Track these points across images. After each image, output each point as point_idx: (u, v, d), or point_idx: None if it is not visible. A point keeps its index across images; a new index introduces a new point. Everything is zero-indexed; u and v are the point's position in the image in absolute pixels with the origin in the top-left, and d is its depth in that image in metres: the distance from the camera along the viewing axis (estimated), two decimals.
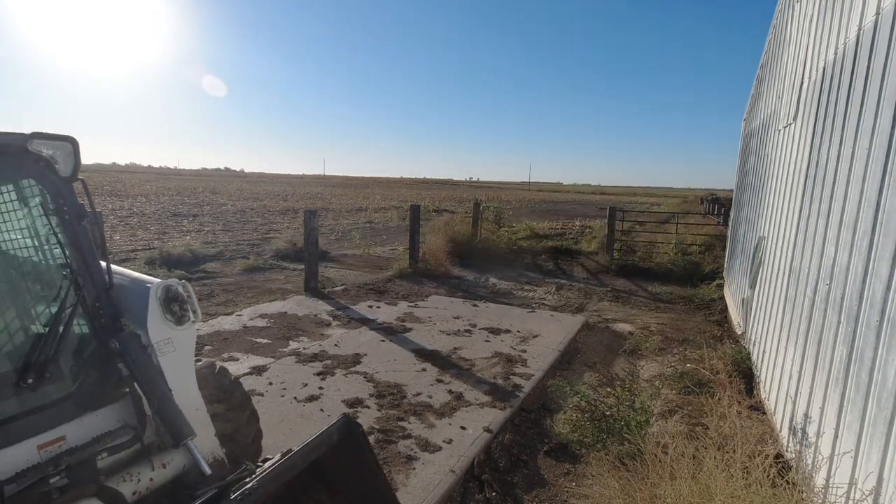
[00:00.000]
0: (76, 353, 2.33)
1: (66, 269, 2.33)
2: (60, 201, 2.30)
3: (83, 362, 2.34)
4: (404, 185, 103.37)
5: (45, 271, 2.41)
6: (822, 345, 3.46)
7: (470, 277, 12.49)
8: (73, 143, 2.29)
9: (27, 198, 2.31)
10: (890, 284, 2.51)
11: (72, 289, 2.27)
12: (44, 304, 2.33)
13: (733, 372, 5.45)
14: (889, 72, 2.78)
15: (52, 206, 2.29)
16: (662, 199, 66.70)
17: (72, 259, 2.32)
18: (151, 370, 2.37)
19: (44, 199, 2.29)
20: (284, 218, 25.27)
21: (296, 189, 62.31)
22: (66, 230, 2.32)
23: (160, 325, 2.46)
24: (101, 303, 2.39)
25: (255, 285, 10.71)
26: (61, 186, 2.29)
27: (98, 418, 2.30)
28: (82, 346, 2.35)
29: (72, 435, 2.19)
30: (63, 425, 2.17)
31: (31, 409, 2.10)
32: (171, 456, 2.35)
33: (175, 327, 2.50)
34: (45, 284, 2.39)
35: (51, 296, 2.32)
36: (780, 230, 5.33)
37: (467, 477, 4.11)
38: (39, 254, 2.39)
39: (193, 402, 2.57)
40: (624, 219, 16.46)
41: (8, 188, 2.30)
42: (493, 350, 6.95)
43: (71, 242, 2.33)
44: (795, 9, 5.94)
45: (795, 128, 5.21)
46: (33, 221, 2.35)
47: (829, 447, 3.01)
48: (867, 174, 2.95)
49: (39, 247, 2.38)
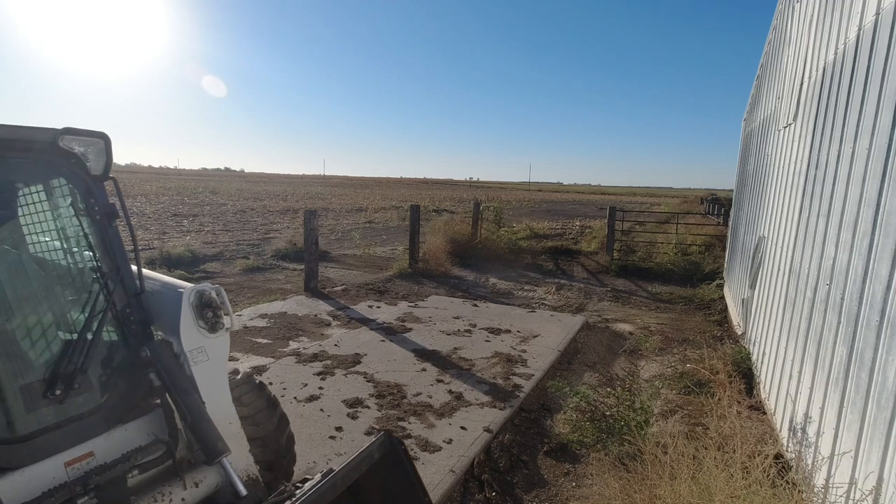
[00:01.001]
0: (105, 361, 2.20)
1: (97, 273, 2.22)
2: (91, 201, 2.20)
3: (112, 372, 2.20)
4: (404, 185, 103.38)
5: (73, 275, 2.28)
6: (822, 345, 3.46)
7: (470, 277, 12.49)
8: (105, 139, 2.18)
9: (56, 197, 2.20)
10: (890, 285, 2.51)
11: (102, 293, 2.17)
12: (72, 309, 2.21)
13: (733, 372, 5.45)
14: (889, 72, 2.78)
15: (83, 206, 2.19)
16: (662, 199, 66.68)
17: (102, 262, 2.22)
18: (184, 381, 2.24)
19: (74, 198, 2.18)
20: (284, 218, 25.26)
21: (296, 189, 62.30)
22: (96, 231, 2.22)
23: (193, 332, 2.33)
24: (131, 308, 2.27)
25: (255, 285, 10.71)
26: (92, 185, 2.19)
27: (128, 432, 2.17)
28: (111, 355, 2.23)
29: (101, 450, 2.05)
30: (91, 440, 2.04)
31: (58, 423, 1.96)
32: (204, 474, 2.21)
33: (208, 335, 2.37)
34: (74, 289, 2.26)
35: (80, 301, 2.20)
36: (780, 230, 5.33)
37: (467, 477, 4.11)
38: (68, 256, 2.28)
39: (227, 416, 2.43)
40: (624, 219, 16.46)
41: (37, 188, 2.18)
42: (493, 350, 6.95)
43: (101, 244, 2.22)
44: (795, 9, 5.93)
45: (795, 128, 5.21)
46: (62, 222, 2.24)
47: (829, 447, 3.01)
48: (867, 174, 2.95)
49: (68, 249, 2.27)
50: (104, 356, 2.19)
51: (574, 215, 34.07)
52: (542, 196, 76.41)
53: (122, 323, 2.24)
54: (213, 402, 2.32)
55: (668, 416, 4.89)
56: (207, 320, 2.37)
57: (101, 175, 2.21)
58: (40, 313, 2.10)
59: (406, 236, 13.94)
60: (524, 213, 34.00)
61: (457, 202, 44.25)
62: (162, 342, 2.29)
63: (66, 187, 2.18)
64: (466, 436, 4.62)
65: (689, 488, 2.81)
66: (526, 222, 22.73)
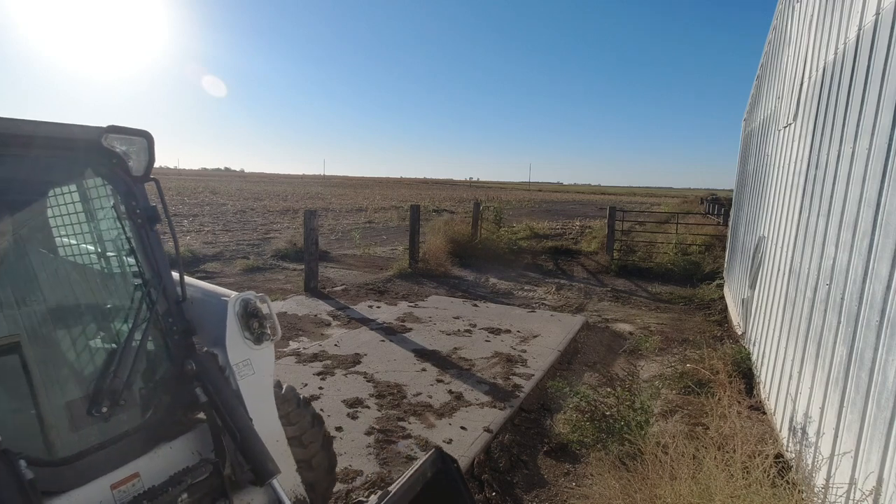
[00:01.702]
0: (148, 375, 2.07)
1: (138, 280, 2.09)
2: (133, 203, 2.07)
3: (155, 386, 2.07)
4: (404, 185, 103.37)
5: (114, 282, 2.16)
6: (822, 345, 3.46)
7: (470, 277, 12.49)
8: (147, 138, 2.05)
9: (94, 199, 2.08)
10: (890, 285, 2.51)
11: (144, 302, 2.04)
12: (114, 319, 2.09)
13: (733, 372, 5.45)
14: (889, 72, 2.78)
15: (123, 209, 2.05)
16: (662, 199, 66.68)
17: (144, 268, 2.08)
18: (231, 396, 2.10)
19: (115, 200, 2.06)
20: (284, 218, 25.26)
21: (296, 189, 62.30)
22: (137, 236, 2.08)
23: (239, 344, 2.21)
24: (172, 318, 2.14)
25: (255, 285, 10.70)
26: (133, 186, 2.06)
27: (172, 451, 2.05)
28: (154, 368, 2.10)
29: (146, 471, 1.92)
30: (136, 460, 1.91)
31: (102, 442, 1.84)
32: (252, 495, 2.08)
33: (253, 346, 2.25)
34: (115, 297, 2.13)
35: (121, 310, 2.08)
36: (780, 230, 5.33)
37: (467, 477, 4.11)
38: (103, 261, 2.14)
39: (274, 433, 2.30)
40: (624, 219, 16.46)
41: (70, 188, 2.05)
42: (493, 350, 6.95)
43: (142, 249, 2.09)
44: (795, 9, 5.93)
45: (795, 128, 5.21)
46: (101, 225, 2.12)
47: (829, 447, 3.01)
48: (867, 174, 2.95)
49: (102, 253, 2.14)
50: (147, 369, 2.07)
51: (574, 215, 34.07)
52: (542, 196, 76.40)
53: (165, 333, 2.12)
54: (260, 418, 2.20)
55: (669, 416, 4.89)
56: (253, 331, 2.25)
57: (142, 176, 2.09)
58: (82, 324, 1.99)
59: (406, 236, 13.94)
60: (524, 213, 34.00)
61: (457, 202, 44.25)
62: (207, 354, 2.16)
63: (104, 188, 2.06)
64: (466, 436, 4.62)
65: (690, 488, 2.81)
66: (526, 222, 22.74)
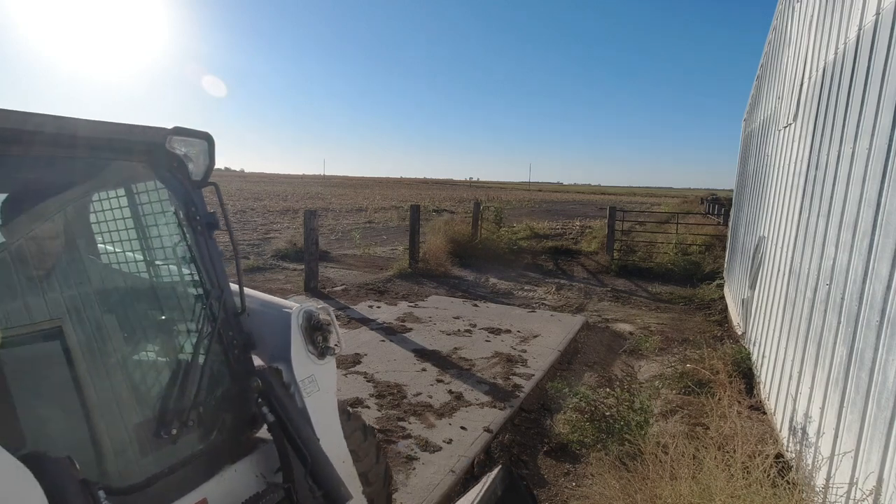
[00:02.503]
0: (211, 392, 1.94)
1: (199, 291, 1.97)
2: (192, 209, 1.95)
3: (219, 404, 1.94)
4: (404, 185, 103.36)
5: (172, 293, 2.03)
6: (822, 345, 3.46)
7: (470, 277, 12.49)
8: (209, 140, 1.94)
9: (149, 203, 1.96)
10: (890, 285, 2.51)
11: (206, 314, 1.93)
12: (176, 333, 1.98)
13: (733, 372, 5.45)
14: (889, 72, 2.78)
15: (182, 215, 1.94)
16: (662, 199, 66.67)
17: (204, 278, 1.97)
18: (297, 415, 1.98)
19: (174, 205, 1.94)
20: (284, 218, 25.26)
21: (296, 189, 62.29)
22: (196, 243, 1.96)
23: (303, 359, 2.09)
24: (233, 331, 2.02)
25: (255, 285, 10.69)
26: (192, 191, 1.95)
27: (238, 474, 1.92)
28: (217, 385, 1.97)
29: (214, 497, 1.80)
30: (203, 485, 1.78)
31: (170, 466, 1.72)
32: None
33: (317, 361, 2.14)
34: (175, 310, 2.01)
35: (183, 324, 1.96)
36: (780, 230, 5.34)
37: (467, 477, 4.11)
38: (160, 271, 2.01)
39: (340, 454, 2.17)
40: (624, 219, 16.45)
41: (128, 192, 1.94)
42: (493, 350, 6.95)
43: (201, 258, 1.97)
44: (795, 9, 5.94)
45: (795, 128, 5.22)
46: (154, 232, 2.00)
47: (830, 447, 3.01)
48: (867, 174, 2.95)
49: (160, 262, 2.01)
50: (211, 386, 1.94)
51: (574, 215, 34.07)
52: (542, 196, 76.40)
53: (226, 348, 1.99)
54: (327, 438, 2.07)
55: (669, 416, 4.89)
56: (317, 345, 2.14)
57: (202, 180, 1.97)
58: (141, 338, 1.88)
59: (406, 236, 13.94)
60: (524, 213, 34.00)
61: (457, 202, 44.24)
62: (271, 370, 2.04)
63: (162, 192, 1.94)
64: (466, 436, 4.62)
65: (690, 488, 2.81)
66: (526, 222, 22.73)
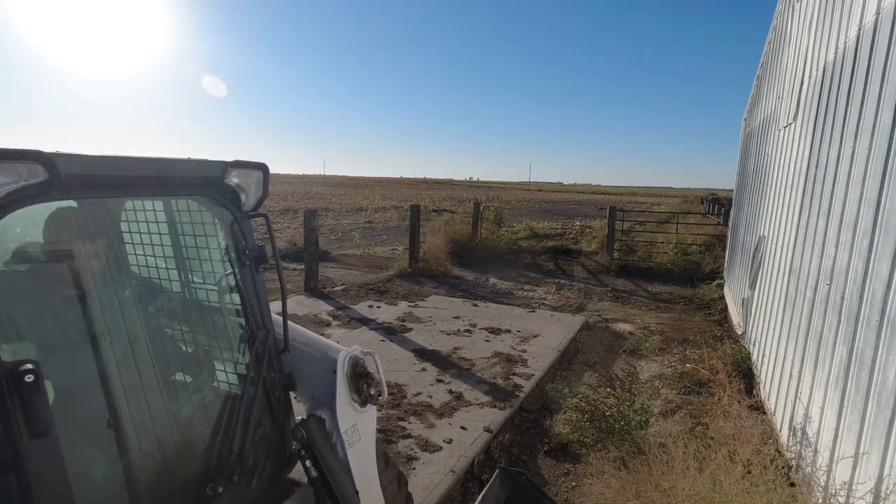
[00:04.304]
0: (254, 438, 1.80)
1: (243, 329, 1.85)
2: (242, 242, 1.82)
3: (258, 450, 1.81)
4: (404, 185, 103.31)
5: (216, 330, 1.93)
6: (822, 345, 3.45)
7: (470, 277, 12.49)
8: (264, 170, 1.81)
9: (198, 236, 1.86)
10: (890, 284, 2.51)
11: (251, 354, 1.80)
12: (217, 375, 1.85)
13: (733, 372, 5.45)
14: (889, 71, 2.78)
15: (232, 248, 1.82)
16: (662, 199, 66.63)
17: (249, 314, 1.84)
18: (338, 467, 1.85)
19: (225, 238, 1.84)
20: (284, 218, 25.25)
21: (296, 189, 62.26)
22: (243, 277, 1.83)
23: (347, 408, 1.97)
24: (275, 371, 1.89)
25: None
26: (241, 222, 1.82)
27: None
28: (258, 430, 1.83)
29: None
30: None
31: None
32: None
33: (359, 409, 2.01)
34: (218, 347, 1.89)
35: (224, 363, 1.85)
36: (780, 230, 5.33)
37: (467, 477, 4.11)
38: (204, 306, 1.90)
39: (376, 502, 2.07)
40: (624, 219, 16.44)
41: (180, 224, 1.85)
42: (493, 350, 6.95)
43: (248, 293, 1.85)
44: (795, 9, 5.93)
45: (795, 127, 5.21)
46: (202, 265, 1.91)
47: (830, 447, 3.01)
48: (867, 174, 2.95)
49: (204, 296, 1.91)
50: (255, 434, 1.79)
51: (574, 215, 34.06)
52: (542, 196, 76.37)
53: (268, 391, 1.86)
54: (365, 490, 1.95)
55: (669, 415, 4.89)
56: (361, 393, 2.02)
57: (252, 211, 1.85)
58: (186, 380, 1.76)
59: (406, 236, 13.93)
60: (524, 213, 33.99)
61: (457, 202, 44.23)
62: (315, 420, 1.89)
63: (211, 226, 1.84)
64: (466, 436, 4.62)
65: (690, 488, 2.81)
66: (526, 222, 22.72)
